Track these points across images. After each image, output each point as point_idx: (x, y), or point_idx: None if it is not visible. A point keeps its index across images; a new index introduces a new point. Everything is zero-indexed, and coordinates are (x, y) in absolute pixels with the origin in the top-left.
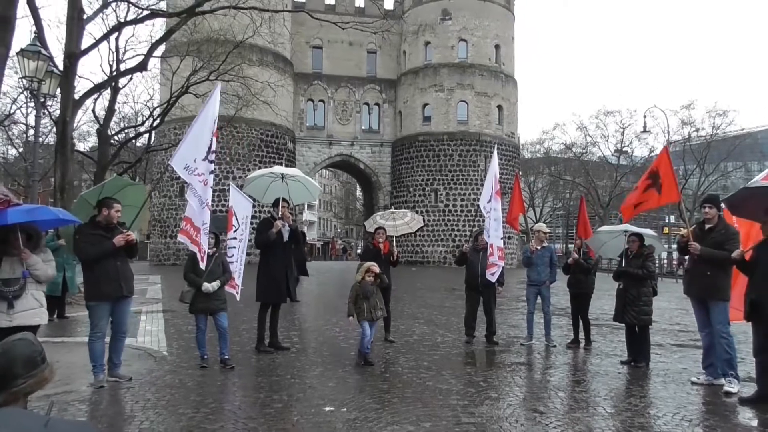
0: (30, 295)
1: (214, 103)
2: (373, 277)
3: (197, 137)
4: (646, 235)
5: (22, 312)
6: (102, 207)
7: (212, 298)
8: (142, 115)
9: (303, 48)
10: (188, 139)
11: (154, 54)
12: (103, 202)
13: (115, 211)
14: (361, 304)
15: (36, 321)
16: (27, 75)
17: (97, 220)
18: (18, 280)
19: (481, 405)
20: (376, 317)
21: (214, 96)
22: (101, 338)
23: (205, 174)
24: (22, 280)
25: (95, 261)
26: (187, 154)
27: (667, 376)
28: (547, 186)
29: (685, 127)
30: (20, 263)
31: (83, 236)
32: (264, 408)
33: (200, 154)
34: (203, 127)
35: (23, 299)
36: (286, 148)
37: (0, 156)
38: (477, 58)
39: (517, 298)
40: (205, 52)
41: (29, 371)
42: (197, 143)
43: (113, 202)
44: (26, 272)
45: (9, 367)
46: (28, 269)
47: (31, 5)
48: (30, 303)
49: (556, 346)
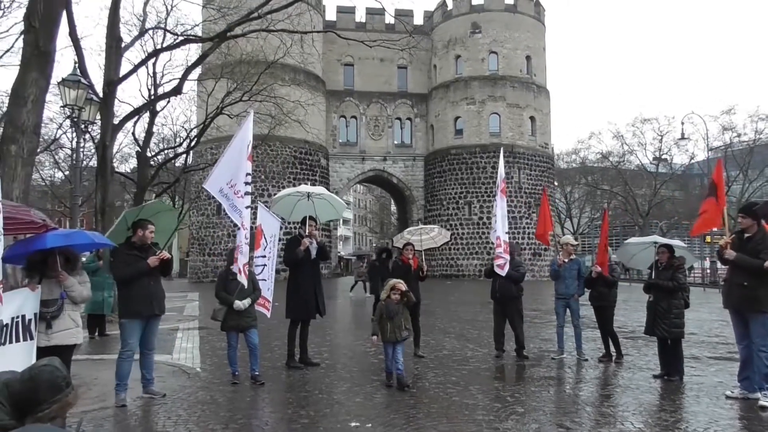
0: (67, 316)
1: (247, 129)
2: (399, 295)
3: (231, 161)
4: (676, 247)
5: (60, 332)
6: (137, 228)
7: (243, 315)
8: (179, 137)
9: (334, 65)
10: (222, 162)
11: (189, 77)
12: (138, 224)
13: (150, 232)
14: (385, 324)
15: (73, 341)
16: (68, 103)
17: (132, 240)
18: (56, 301)
19: (507, 420)
20: (401, 338)
21: (248, 122)
22: (130, 357)
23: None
24: (60, 301)
25: (130, 280)
26: (221, 177)
27: (701, 390)
28: (584, 196)
29: (726, 133)
30: (58, 285)
31: (119, 256)
32: (291, 423)
33: (238, 178)
34: (239, 153)
35: (61, 319)
36: (320, 164)
37: (47, 179)
38: (508, 70)
39: (551, 311)
40: (238, 74)
41: (53, 396)
42: (232, 167)
43: (147, 224)
44: (63, 294)
45: (34, 392)
46: (66, 291)
47: (73, 36)
48: (67, 323)
49: (587, 360)
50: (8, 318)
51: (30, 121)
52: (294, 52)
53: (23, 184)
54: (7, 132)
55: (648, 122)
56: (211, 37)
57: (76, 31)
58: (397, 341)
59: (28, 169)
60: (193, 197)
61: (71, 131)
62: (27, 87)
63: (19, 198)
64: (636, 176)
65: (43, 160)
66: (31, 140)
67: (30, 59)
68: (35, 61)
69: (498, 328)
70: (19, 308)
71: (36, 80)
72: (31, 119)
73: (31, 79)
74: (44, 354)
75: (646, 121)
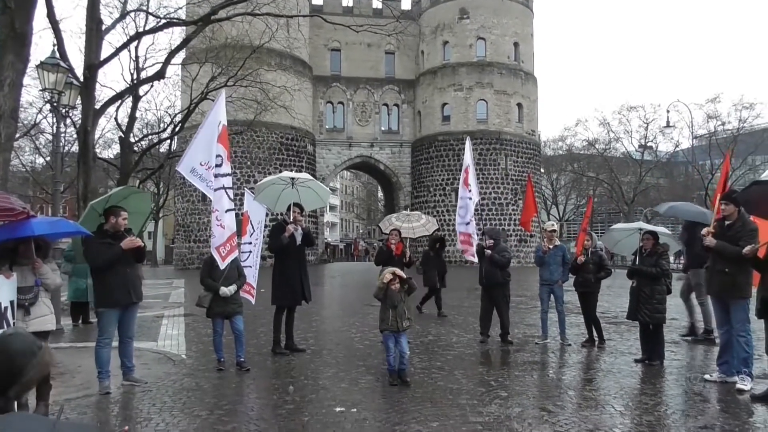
0: (42, 302)
1: (219, 109)
2: (399, 283)
3: (203, 142)
4: (661, 234)
5: (37, 318)
6: (109, 215)
7: (229, 301)
8: (163, 122)
9: (321, 51)
10: (194, 144)
11: (173, 62)
12: (110, 211)
13: (123, 219)
14: (387, 312)
15: (49, 327)
16: (47, 87)
17: (104, 228)
18: (32, 289)
19: (490, 404)
20: (403, 327)
21: (219, 102)
22: (108, 344)
23: (211, 179)
24: (36, 288)
25: (106, 267)
26: (194, 158)
27: (681, 374)
28: (570, 183)
29: (710, 121)
30: (31, 272)
31: (92, 245)
32: (276, 409)
33: (212, 159)
34: (211, 134)
35: (37, 306)
36: (306, 150)
37: (28, 165)
38: (496, 57)
39: (536, 297)
40: (223, 58)
41: (30, 360)
42: (204, 148)
43: (120, 210)
44: (38, 281)
45: (11, 362)
46: (40, 278)
47: (51, 17)
48: (43, 310)
49: (570, 345)
50: None
51: (7, 105)
52: (280, 36)
53: (1, 170)
54: None
55: (634, 110)
56: (195, 21)
57: (54, 12)
58: (399, 331)
59: (5, 155)
60: (179, 183)
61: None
62: (3, 70)
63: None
64: (621, 163)
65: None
66: (9, 125)
67: (6, 41)
68: (11, 44)
69: (484, 314)
70: None
71: (12, 63)
72: (8, 104)
73: (8, 62)
74: None
75: (632, 108)
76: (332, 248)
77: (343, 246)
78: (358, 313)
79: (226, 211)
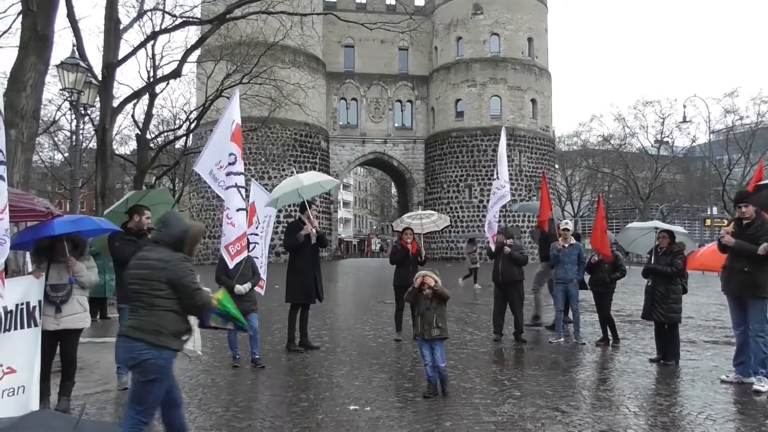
0: (75, 300)
1: (233, 108)
2: (430, 290)
3: (218, 142)
4: (677, 232)
5: (69, 316)
6: (133, 214)
7: (244, 299)
8: (179, 119)
9: (335, 47)
10: (210, 144)
11: (189, 60)
12: (134, 209)
13: (146, 217)
14: (416, 318)
15: (81, 325)
16: (67, 87)
17: (129, 226)
18: (65, 286)
19: (504, 404)
20: (430, 336)
21: (234, 102)
22: None
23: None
24: (69, 285)
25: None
26: (210, 159)
27: (696, 374)
28: (584, 179)
29: (728, 116)
30: (67, 270)
31: (118, 242)
32: (291, 407)
33: (223, 160)
34: (224, 133)
35: (69, 304)
36: (320, 147)
37: (47, 161)
38: (509, 52)
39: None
40: (238, 56)
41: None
42: (219, 148)
43: (143, 209)
44: (72, 278)
45: (177, 224)
46: (74, 275)
47: (71, 17)
48: (75, 308)
49: (585, 344)
50: (13, 305)
51: (29, 105)
52: (294, 34)
53: (23, 169)
54: (7, 116)
55: (650, 105)
56: (211, 20)
57: (74, 12)
58: (427, 339)
59: (28, 154)
60: (194, 180)
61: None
62: (26, 71)
63: (20, 183)
64: (637, 159)
65: (42, 141)
66: (31, 125)
67: (28, 43)
68: (33, 45)
69: (498, 312)
70: (24, 295)
71: (35, 64)
72: (31, 104)
73: (30, 63)
74: (53, 337)
75: (648, 103)
76: (346, 244)
77: (356, 242)
78: (372, 311)
79: (237, 210)
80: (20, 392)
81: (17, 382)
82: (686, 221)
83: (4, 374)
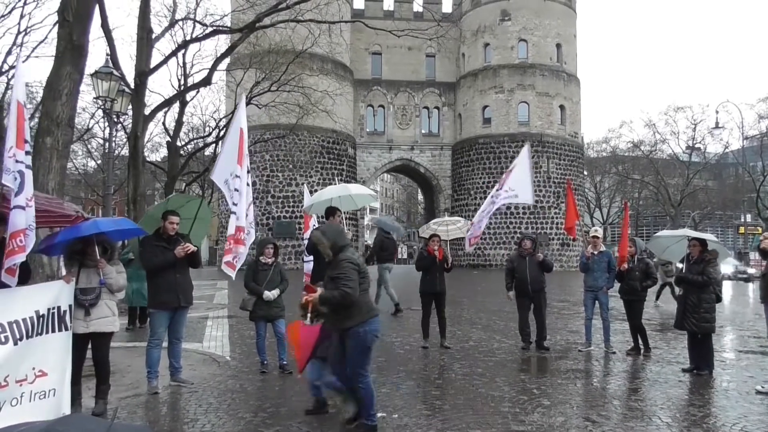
0: (104, 304)
1: (240, 116)
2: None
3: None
4: (709, 241)
5: (98, 319)
6: (163, 219)
7: (272, 305)
8: (208, 126)
9: (362, 54)
10: (224, 153)
11: (219, 68)
12: (163, 215)
13: (170, 223)
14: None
15: (110, 328)
16: (100, 95)
17: (160, 232)
18: (94, 290)
19: (533, 413)
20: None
21: (240, 109)
22: (158, 345)
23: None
24: (98, 289)
25: (158, 271)
26: (226, 168)
27: (731, 385)
28: (614, 186)
29: (762, 121)
30: (96, 274)
31: (147, 247)
32: (318, 413)
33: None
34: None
35: (98, 307)
36: (347, 154)
37: (81, 168)
38: (538, 58)
39: (579, 303)
40: (266, 64)
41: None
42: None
43: (170, 215)
44: (102, 280)
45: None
46: (104, 278)
47: (105, 28)
48: (104, 311)
49: (615, 353)
50: (45, 309)
51: (65, 114)
52: (322, 41)
53: (58, 176)
54: (43, 125)
55: (681, 110)
56: (240, 29)
57: (108, 22)
58: None
59: (63, 161)
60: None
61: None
62: (61, 80)
63: (55, 190)
64: (668, 165)
65: (76, 149)
66: (66, 133)
67: (64, 53)
68: (69, 55)
69: (523, 321)
70: (55, 299)
71: (70, 74)
72: (66, 112)
73: (66, 72)
74: (82, 341)
75: (679, 109)
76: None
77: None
78: (398, 318)
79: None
80: (51, 395)
81: (48, 385)
82: (719, 229)
83: (35, 377)
